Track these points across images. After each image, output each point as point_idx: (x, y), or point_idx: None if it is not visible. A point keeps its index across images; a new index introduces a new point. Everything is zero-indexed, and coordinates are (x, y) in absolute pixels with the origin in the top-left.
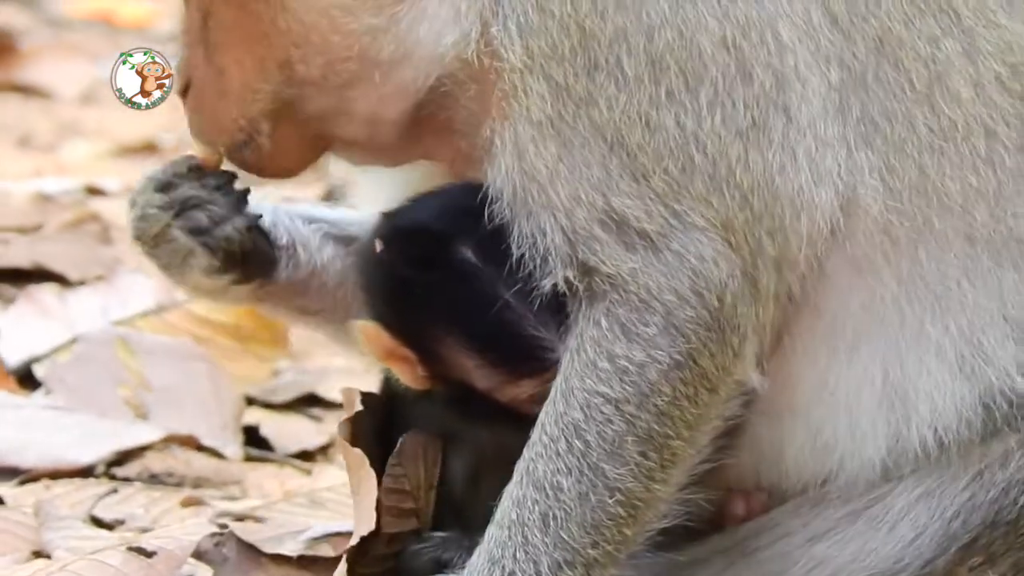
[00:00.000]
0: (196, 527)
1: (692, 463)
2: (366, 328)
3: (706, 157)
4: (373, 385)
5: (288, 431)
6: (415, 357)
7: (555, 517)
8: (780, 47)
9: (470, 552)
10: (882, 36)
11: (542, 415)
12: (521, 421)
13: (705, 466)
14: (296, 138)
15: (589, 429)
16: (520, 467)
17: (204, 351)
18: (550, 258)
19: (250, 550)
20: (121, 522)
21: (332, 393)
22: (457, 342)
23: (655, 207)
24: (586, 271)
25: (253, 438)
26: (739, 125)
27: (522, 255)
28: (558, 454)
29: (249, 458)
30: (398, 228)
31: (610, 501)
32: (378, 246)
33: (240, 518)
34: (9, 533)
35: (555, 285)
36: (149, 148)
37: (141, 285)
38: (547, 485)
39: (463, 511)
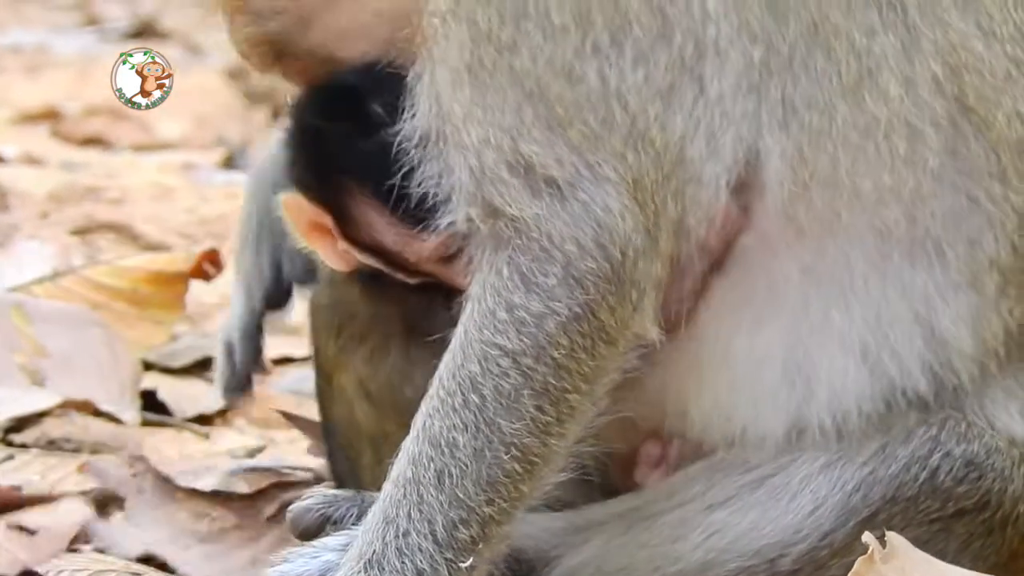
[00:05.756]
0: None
1: (589, 416)
2: (288, 200)
3: (626, 113)
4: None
5: (186, 395)
6: (333, 226)
7: (450, 475)
8: (704, 16)
9: (361, 510)
10: (818, 22)
11: (441, 367)
12: (429, 296)
13: (602, 419)
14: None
15: (486, 383)
16: (417, 422)
17: (100, 316)
18: (455, 195)
19: (166, 483)
20: (18, 488)
21: None
22: (366, 195)
23: (568, 156)
24: (491, 211)
25: (151, 403)
26: (659, 85)
27: (424, 195)
28: (454, 409)
29: (147, 423)
30: (315, 86)
31: (506, 457)
32: (296, 102)
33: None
34: None
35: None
36: (50, 115)
37: (37, 252)
38: (443, 442)
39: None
